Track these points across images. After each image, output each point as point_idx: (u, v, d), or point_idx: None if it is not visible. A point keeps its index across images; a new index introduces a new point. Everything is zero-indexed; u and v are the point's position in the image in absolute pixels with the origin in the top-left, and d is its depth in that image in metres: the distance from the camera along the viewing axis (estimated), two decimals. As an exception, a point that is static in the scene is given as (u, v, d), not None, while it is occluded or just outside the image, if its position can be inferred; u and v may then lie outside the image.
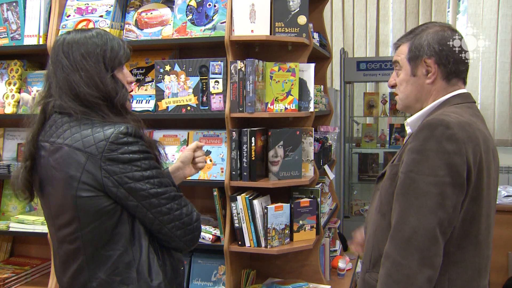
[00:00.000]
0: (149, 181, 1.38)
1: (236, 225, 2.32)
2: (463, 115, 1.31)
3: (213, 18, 2.43)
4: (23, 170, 1.46)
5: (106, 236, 1.39)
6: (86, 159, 1.34)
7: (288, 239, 2.39)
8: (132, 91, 1.62)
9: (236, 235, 2.35)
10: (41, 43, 2.58)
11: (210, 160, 2.43)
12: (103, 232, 1.39)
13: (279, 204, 2.34)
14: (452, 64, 1.40)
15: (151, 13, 2.56)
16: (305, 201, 2.41)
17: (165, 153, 1.59)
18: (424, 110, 1.41)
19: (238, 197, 2.30)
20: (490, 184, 1.31)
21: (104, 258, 1.40)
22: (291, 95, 2.39)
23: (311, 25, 2.59)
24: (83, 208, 1.37)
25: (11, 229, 2.63)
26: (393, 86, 1.50)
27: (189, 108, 2.42)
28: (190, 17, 2.47)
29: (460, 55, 1.40)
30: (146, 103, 2.49)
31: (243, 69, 2.27)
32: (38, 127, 1.47)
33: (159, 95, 2.43)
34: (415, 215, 1.21)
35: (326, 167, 2.81)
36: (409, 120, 1.44)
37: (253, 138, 2.29)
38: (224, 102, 2.36)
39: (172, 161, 2.46)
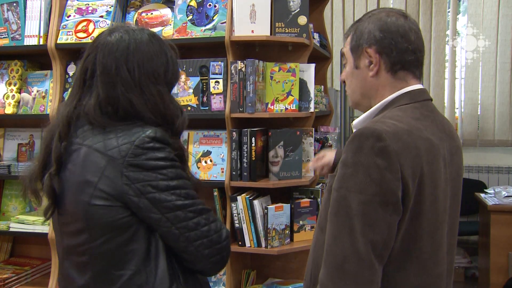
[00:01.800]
0: (175, 192, 1.22)
1: (237, 225, 2.32)
2: (404, 120, 1.13)
3: (214, 18, 2.43)
4: (47, 178, 1.26)
5: (117, 253, 1.22)
6: (106, 163, 1.19)
7: (289, 240, 2.39)
8: None
9: (237, 235, 2.35)
10: (41, 43, 2.58)
11: (211, 161, 2.43)
12: (114, 248, 1.22)
13: (280, 204, 2.34)
14: (396, 53, 1.18)
15: (152, 14, 2.56)
16: (305, 202, 2.41)
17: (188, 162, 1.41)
18: (369, 112, 1.23)
19: (238, 197, 2.30)
20: (439, 196, 1.14)
21: (113, 278, 1.23)
22: (292, 95, 2.39)
23: (311, 25, 2.59)
24: (95, 217, 1.21)
25: (11, 229, 2.63)
26: (344, 82, 1.32)
27: (189, 108, 2.42)
28: (190, 17, 2.47)
29: (406, 44, 1.18)
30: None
31: (243, 69, 2.27)
32: (66, 131, 1.27)
33: (160, 95, 2.43)
34: (347, 237, 1.06)
35: (326, 167, 2.81)
36: (354, 122, 1.27)
37: (253, 139, 2.29)
38: (225, 102, 2.36)
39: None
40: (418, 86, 1.22)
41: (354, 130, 1.19)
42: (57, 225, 1.35)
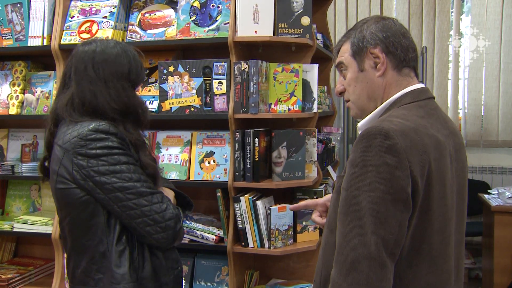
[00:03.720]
0: (115, 175, 1.44)
1: (240, 226, 2.32)
2: (410, 118, 1.15)
3: (217, 19, 2.43)
4: (41, 161, 1.63)
5: (83, 226, 1.48)
6: (63, 154, 1.46)
7: (292, 240, 2.39)
8: None
9: (240, 236, 2.35)
10: (45, 44, 2.59)
11: (214, 161, 2.43)
12: (80, 223, 1.48)
13: (283, 205, 2.34)
14: (401, 51, 1.23)
15: (155, 14, 2.56)
16: (308, 202, 2.41)
17: (150, 150, 1.69)
18: (374, 113, 1.25)
19: (242, 198, 2.30)
20: (446, 193, 1.16)
21: (84, 247, 1.49)
22: (295, 96, 2.39)
23: (314, 26, 2.58)
24: (61, 199, 1.50)
25: (15, 230, 2.64)
26: (341, 93, 1.34)
27: (192, 109, 2.42)
28: (193, 18, 2.47)
29: (407, 42, 1.25)
30: (149, 104, 2.49)
31: (246, 70, 2.27)
32: (52, 125, 1.57)
33: (163, 96, 2.44)
34: (358, 236, 1.07)
35: (329, 168, 2.81)
36: (360, 124, 1.28)
37: (256, 139, 2.29)
38: (228, 103, 2.36)
39: (176, 162, 2.46)
40: (419, 85, 1.25)
41: (359, 132, 1.20)
42: None
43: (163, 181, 1.75)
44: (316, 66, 2.46)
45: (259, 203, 2.30)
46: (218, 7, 2.44)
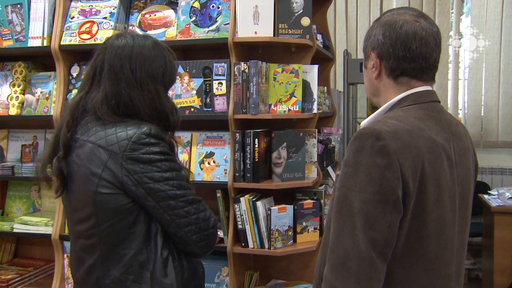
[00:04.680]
0: (168, 183, 1.39)
1: (240, 226, 2.32)
2: (406, 120, 1.14)
3: (217, 19, 2.43)
4: (56, 160, 1.46)
5: (122, 234, 1.40)
6: (108, 157, 1.37)
7: (292, 241, 2.39)
8: None
9: (240, 237, 2.35)
10: (45, 44, 2.59)
11: (214, 162, 2.43)
12: (119, 230, 1.40)
13: (283, 205, 2.34)
14: (393, 61, 1.19)
15: (155, 15, 2.56)
16: (308, 203, 2.41)
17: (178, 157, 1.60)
18: (376, 113, 1.25)
19: (242, 199, 2.30)
20: (443, 195, 1.15)
21: (119, 256, 1.41)
22: (295, 96, 2.39)
23: (314, 26, 2.58)
24: (102, 204, 1.38)
25: (15, 230, 2.64)
26: None
27: (192, 109, 2.42)
28: (193, 18, 2.47)
29: (404, 52, 1.18)
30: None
31: (246, 70, 2.27)
32: (73, 121, 1.45)
33: (163, 96, 2.44)
34: (349, 235, 1.08)
35: (329, 168, 2.81)
36: (362, 123, 1.28)
37: (256, 140, 2.29)
38: (228, 103, 2.36)
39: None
40: (425, 88, 1.22)
41: None
42: (68, 214, 1.53)
43: None
44: (316, 67, 2.46)
45: (259, 203, 2.30)
46: (218, 7, 2.44)
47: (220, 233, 2.40)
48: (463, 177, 1.22)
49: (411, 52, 1.18)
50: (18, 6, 2.65)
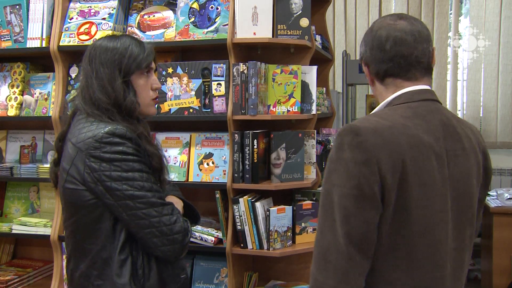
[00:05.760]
0: (127, 183, 1.40)
1: (239, 227, 2.32)
2: (390, 118, 1.16)
3: (216, 20, 2.43)
4: (51, 163, 1.59)
5: (88, 229, 1.45)
6: (75, 154, 1.43)
7: (291, 242, 2.39)
8: (157, 97, 1.66)
9: (239, 238, 2.35)
10: (44, 45, 2.59)
11: (213, 163, 2.43)
12: (85, 225, 1.45)
13: (282, 206, 2.34)
14: (374, 65, 1.25)
15: (154, 16, 2.56)
16: (307, 204, 2.41)
17: (167, 160, 1.64)
18: (370, 114, 1.27)
19: (241, 200, 2.30)
20: (430, 195, 1.14)
21: (86, 251, 1.46)
22: (294, 97, 2.39)
23: (313, 27, 2.59)
24: (68, 199, 1.46)
25: (13, 231, 2.63)
26: None
27: (191, 110, 2.42)
28: (192, 19, 2.47)
29: (380, 55, 1.23)
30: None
31: (245, 71, 2.28)
32: (67, 125, 1.56)
33: (162, 97, 2.44)
34: (330, 229, 1.11)
35: (328, 169, 2.80)
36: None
37: (255, 141, 2.29)
38: (227, 104, 2.36)
39: (174, 163, 2.46)
40: (417, 87, 1.23)
41: None
42: None
43: (172, 188, 1.74)
44: (315, 68, 2.46)
45: (258, 204, 2.30)
46: (217, 8, 2.44)
47: (219, 234, 2.40)
48: (459, 178, 1.20)
49: (386, 53, 1.22)
50: (17, 7, 2.65)
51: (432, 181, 1.14)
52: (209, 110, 2.40)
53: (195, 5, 2.48)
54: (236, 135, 2.30)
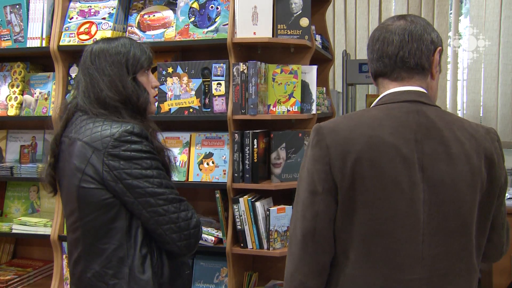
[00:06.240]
0: (147, 180, 1.43)
1: (239, 227, 2.32)
2: (357, 118, 1.18)
3: (216, 20, 2.43)
4: (47, 166, 1.57)
5: (103, 229, 1.44)
6: (91, 153, 1.43)
7: (291, 241, 2.39)
8: (156, 95, 1.70)
9: (239, 237, 2.35)
10: (44, 45, 2.59)
11: (213, 162, 2.43)
12: (100, 225, 1.44)
13: (282, 206, 2.34)
14: (369, 65, 1.30)
15: (154, 16, 2.56)
16: (307, 203, 2.41)
17: (174, 159, 1.67)
18: (349, 113, 1.36)
19: (241, 199, 2.30)
20: (392, 197, 1.12)
21: (99, 251, 1.45)
22: (294, 97, 2.39)
23: (313, 27, 2.59)
24: (84, 198, 1.44)
25: (13, 231, 2.63)
26: None
27: (191, 110, 2.42)
28: (192, 19, 2.47)
29: (372, 55, 1.27)
30: (148, 105, 2.49)
31: (245, 71, 2.28)
32: (62, 126, 1.56)
33: (162, 97, 2.44)
34: (294, 222, 1.21)
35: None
36: None
37: (255, 140, 2.29)
38: (227, 104, 2.36)
39: (174, 163, 2.46)
40: (403, 88, 1.22)
41: None
42: (62, 208, 1.60)
43: None
44: (315, 68, 2.46)
45: (258, 204, 2.30)
46: (217, 8, 2.44)
47: (219, 234, 2.40)
48: (435, 182, 1.14)
49: (375, 53, 1.25)
50: (17, 6, 2.65)
51: (394, 184, 1.12)
52: (209, 109, 2.40)
53: (195, 5, 2.48)
54: (236, 134, 2.30)
